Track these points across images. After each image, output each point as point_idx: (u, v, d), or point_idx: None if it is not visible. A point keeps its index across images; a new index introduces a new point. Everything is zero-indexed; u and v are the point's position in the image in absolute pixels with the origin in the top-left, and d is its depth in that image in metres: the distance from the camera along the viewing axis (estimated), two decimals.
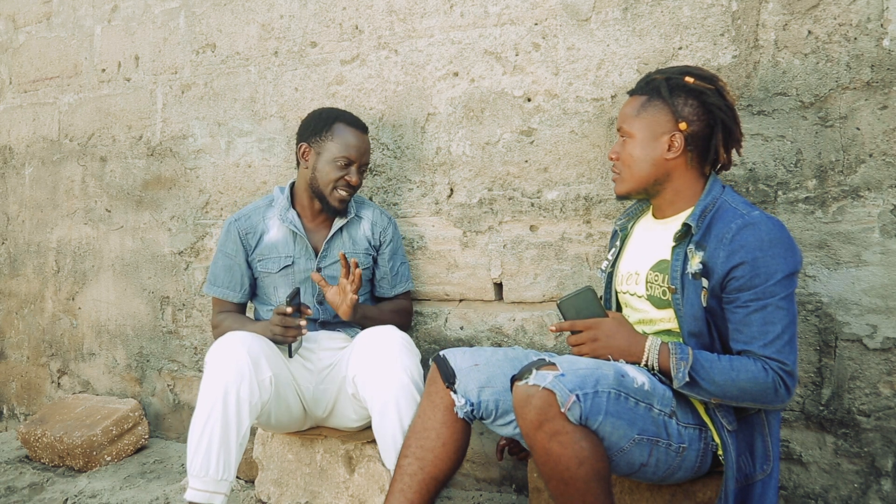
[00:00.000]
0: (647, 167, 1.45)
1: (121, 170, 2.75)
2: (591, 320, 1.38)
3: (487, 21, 2.05)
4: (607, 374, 1.26)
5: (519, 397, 1.24)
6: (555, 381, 1.21)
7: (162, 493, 2.19)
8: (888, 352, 1.63)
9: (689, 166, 1.45)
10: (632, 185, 1.48)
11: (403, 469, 1.48)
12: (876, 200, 1.63)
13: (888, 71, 1.61)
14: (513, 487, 2.07)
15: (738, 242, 1.31)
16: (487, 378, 1.48)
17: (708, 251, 1.35)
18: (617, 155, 1.50)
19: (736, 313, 1.32)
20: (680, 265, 1.39)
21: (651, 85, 1.46)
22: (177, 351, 2.65)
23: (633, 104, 1.48)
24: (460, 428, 1.49)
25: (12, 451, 2.70)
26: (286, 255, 1.93)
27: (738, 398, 1.30)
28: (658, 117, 1.43)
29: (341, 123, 1.90)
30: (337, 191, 1.88)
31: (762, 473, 1.35)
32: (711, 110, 1.42)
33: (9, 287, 3.10)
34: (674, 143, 1.42)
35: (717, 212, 1.39)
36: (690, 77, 1.43)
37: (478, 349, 1.56)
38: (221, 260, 1.95)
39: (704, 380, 1.29)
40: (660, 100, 1.44)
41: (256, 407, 1.61)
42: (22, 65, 3.00)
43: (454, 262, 2.14)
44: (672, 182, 1.46)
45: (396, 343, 1.67)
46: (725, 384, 1.28)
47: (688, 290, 1.37)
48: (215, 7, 2.51)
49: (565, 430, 1.20)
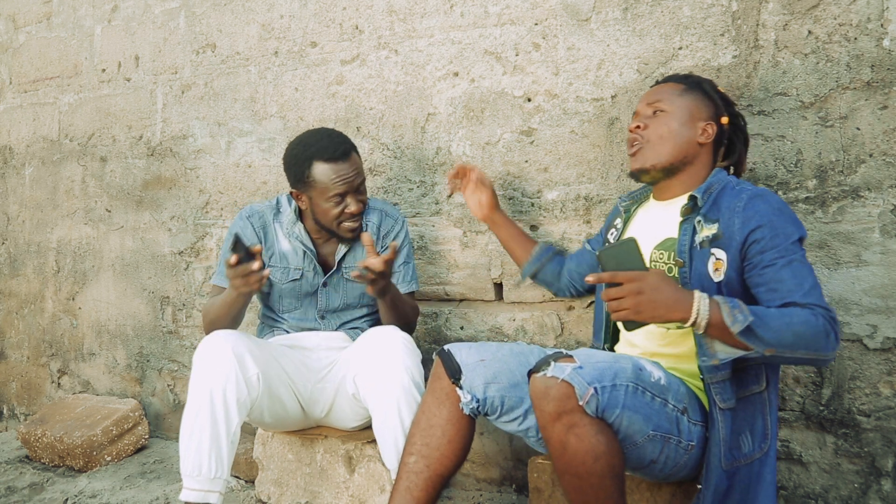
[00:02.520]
0: (679, 144, 1.47)
1: (121, 170, 2.75)
2: (635, 272, 1.23)
3: (487, 21, 2.05)
4: (625, 368, 1.25)
5: (536, 389, 1.22)
6: (573, 373, 1.20)
7: (162, 493, 2.19)
8: (888, 352, 1.63)
9: (710, 158, 1.51)
10: (658, 159, 1.48)
11: (409, 467, 1.46)
12: (876, 200, 1.63)
13: (888, 71, 1.61)
14: (513, 487, 2.07)
15: (751, 210, 1.33)
16: (494, 374, 1.46)
17: (722, 222, 1.36)
18: (645, 125, 1.50)
19: (764, 274, 1.30)
20: (688, 238, 1.39)
21: (690, 79, 1.54)
22: (177, 351, 2.65)
23: (673, 87, 1.53)
24: (465, 424, 1.48)
25: (12, 451, 2.70)
26: (295, 268, 1.89)
27: (793, 345, 1.21)
28: (700, 104, 1.50)
29: (318, 162, 1.76)
30: (343, 224, 1.81)
31: (759, 452, 1.34)
32: (736, 121, 1.55)
33: (9, 287, 3.10)
34: (708, 131, 1.48)
35: (722, 189, 1.42)
36: (721, 88, 1.55)
37: (483, 344, 1.54)
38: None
39: (760, 327, 1.20)
40: (700, 92, 1.51)
41: (245, 404, 1.61)
42: (22, 65, 3.00)
43: (454, 262, 2.14)
44: (693, 166, 1.49)
45: (398, 343, 1.66)
46: (780, 329, 1.21)
47: (696, 262, 1.37)
48: (215, 7, 2.51)
49: (582, 422, 1.19)
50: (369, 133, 2.24)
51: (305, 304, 1.91)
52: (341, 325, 1.94)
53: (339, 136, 1.82)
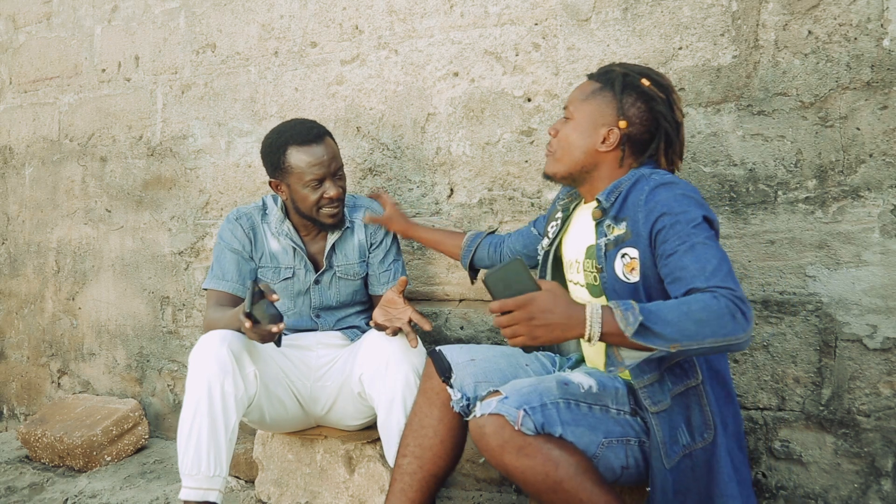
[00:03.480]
0: (579, 153, 1.44)
1: (121, 170, 2.75)
2: (523, 297, 1.15)
3: (487, 21, 2.05)
4: (549, 387, 1.26)
5: (474, 433, 1.24)
6: (499, 404, 1.22)
7: (162, 493, 2.19)
8: (888, 352, 1.63)
9: (619, 163, 1.44)
10: (560, 168, 1.47)
11: (403, 468, 1.48)
12: (876, 200, 1.63)
13: (888, 71, 1.61)
14: (513, 487, 2.07)
15: (652, 201, 1.29)
16: (484, 373, 1.47)
17: (629, 220, 1.33)
18: (556, 132, 1.49)
19: (668, 264, 1.24)
20: (603, 242, 1.37)
21: (608, 76, 1.46)
22: (177, 351, 2.65)
23: (584, 88, 1.47)
24: (457, 424, 1.49)
25: (12, 451, 2.70)
26: (286, 267, 1.89)
27: (698, 335, 1.12)
28: (602, 108, 1.43)
29: (292, 148, 1.77)
30: (322, 210, 1.81)
31: (702, 442, 1.30)
32: (657, 118, 1.42)
33: (9, 287, 3.10)
34: (609, 138, 1.42)
35: (632, 185, 1.37)
36: (647, 80, 1.42)
37: (474, 345, 1.56)
38: (230, 255, 1.87)
39: (656, 323, 1.12)
40: (610, 92, 1.43)
41: (242, 401, 1.61)
42: (22, 65, 3.00)
43: (454, 262, 2.14)
44: (598, 172, 1.45)
45: (404, 342, 1.68)
46: (679, 320, 1.12)
47: (608, 266, 1.35)
48: (215, 7, 2.51)
49: (526, 442, 1.20)
50: (369, 133, 2.25)
51: (299, 304, 1.91)
52: (337, 322, 1.94)
53: (313, 122, 1.84)
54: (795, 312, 1.71)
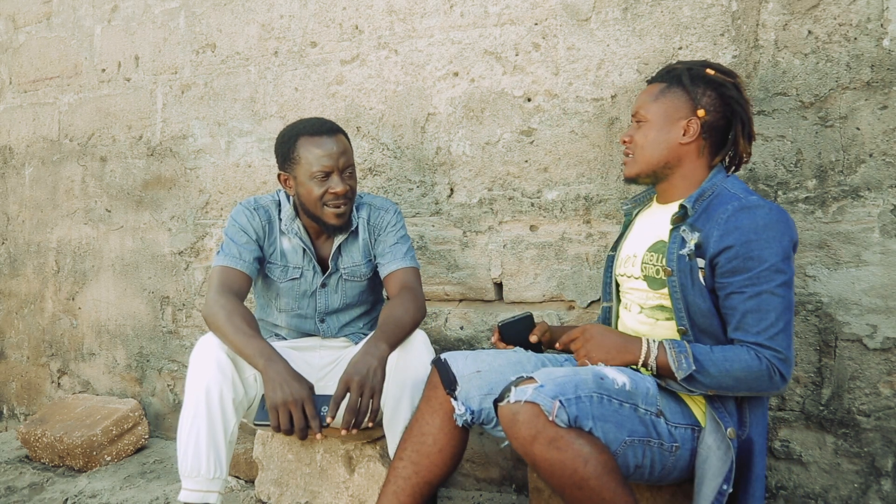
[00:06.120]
0: (660, 150, 1.46)
1: (121, 170, 2.75)
2: (580, 327, 1.44)
3: (487, 21, 2.05)
4: (586, 379, 1.26)
5: (505, 418, 1.23)
6: (535, 392, 1.21)
7: (162, 493, 2.19)
8: (888, 352, 1.63)
9: (700, 154, 1.47)
10: (642, 168, 1.49)
11: (398, 471, 1.47)
12: (876, 200, 1.63)
13: (888, 71, 1.61)
14: (513, 487, 2.07)
15: (732, 223, 1.32)
16: (490, 386, 1.46)
17: (704, 232, 1.35)
18: (630, 138, 1.51)
19: (730, 299, 1.32)
20: (676, 247, 1.39)
21: (672, 73, 1.49)
22: (177, 351, 2.65)
23: (651, 91, 1.50)
24: (458, 434, 1.48)
25: (12, 451, 2.70)
26: (294, 266, 1.87)
27: (734, 388, 1.30)
28: (676, 103, 1.46)
29: (304, 137, 1.74)
30: (327, 208, 1.74)
31: (738, 439, 1.35)
32: (730, 103, 1.45)
33: (9, 287, 3.10)
34: (689, 129, 1.44)
35: (715, 197, 1.40)
36: (711, 69, 1.46)
37: (480, 353, 1.54)
38: (241, 236, 1.79)
39: (701, 373, 1.29)
40: (679, 87, 1.46)
41: (242, 404, 1.61)
42: (22, 65, 3.00)
43: (454, 262, 2.14)
44: (681, 167, 1.47)
45: (413, 340, 1.67)
46: (720, 375, 1.28)
47: (682, 273, 1.37)
48: (215, 7, 2.51)
49: (559, 434, 1.19)
50: (369, 133, 2.25)
51: (304, 305, 1.91)
52: (341, 328, 1.93)
53: (329, 120, 1.82)
54: (795, 312, 1.71)
